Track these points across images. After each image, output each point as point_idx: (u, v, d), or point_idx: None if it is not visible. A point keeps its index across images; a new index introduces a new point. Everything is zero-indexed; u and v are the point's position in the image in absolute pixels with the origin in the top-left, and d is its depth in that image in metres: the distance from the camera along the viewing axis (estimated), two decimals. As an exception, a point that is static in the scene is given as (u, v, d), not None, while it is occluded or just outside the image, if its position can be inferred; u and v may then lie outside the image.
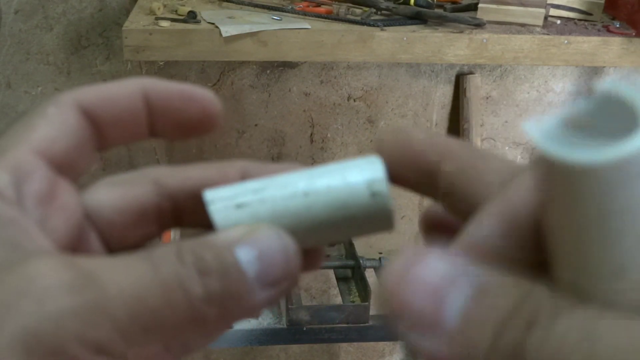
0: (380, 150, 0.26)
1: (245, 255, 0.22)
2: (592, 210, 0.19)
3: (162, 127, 0.27)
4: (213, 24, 1.15)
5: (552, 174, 0.19)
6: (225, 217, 0.25)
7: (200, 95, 0.27)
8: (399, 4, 1.24)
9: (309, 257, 0.26)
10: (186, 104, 0.27)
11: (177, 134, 0.27)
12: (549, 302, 0.18)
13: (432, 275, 0.19)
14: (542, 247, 0.20)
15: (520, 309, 0.18)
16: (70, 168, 0.25)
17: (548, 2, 1.28)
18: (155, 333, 0.21)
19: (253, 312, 0.24)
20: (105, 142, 0.26)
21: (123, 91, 0.26)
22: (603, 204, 0.19)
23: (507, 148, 1.57)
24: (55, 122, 0.24)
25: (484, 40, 1.19)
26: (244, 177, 0.27)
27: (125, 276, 0.21)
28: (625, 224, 0.19)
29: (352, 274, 1.15)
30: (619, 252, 0.19)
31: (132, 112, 0.26)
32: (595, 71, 1.51)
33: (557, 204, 0.20)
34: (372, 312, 1.06)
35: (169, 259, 0.22)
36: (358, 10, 1.25)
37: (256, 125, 1.48)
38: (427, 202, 1.61)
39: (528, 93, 1.51)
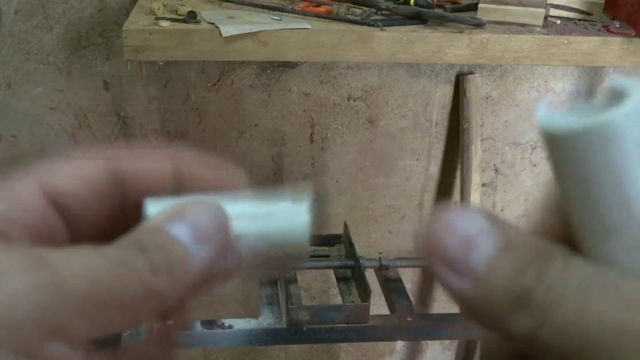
0: None
1: (177, 228, 0.24)
2: (574, 173, 0.22)
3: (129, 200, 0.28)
4: (213, 24, 1.15)
5: (546, 143, 0.23)
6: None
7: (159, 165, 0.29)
8: (399, 4, 1.24)
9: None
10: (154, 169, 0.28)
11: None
12: (560, 260, 0.21)
13: (468, 225, 0.22)
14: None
15: (535, 262, 0.21)
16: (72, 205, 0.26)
17: (548, 2, 1.28)
18: (113, 310, 0.21)
19: (209, 274, 0.25)
20: (73, 224, 0.27)
21: (89, 169, 0.27)
22: (583, 167, 0.22)
23: (507, 148, 1.57)
24: (13, 198, 0.25)
25: (484, 40, 1.19)
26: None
27: (76, 259, 0.22)
28: (605, 186, 0.21)
29: (352, 274, 1.15)
30: (604, 214, 0.22)
31: (98, 192, 0.27)
32: (595, 71, 1.51)
33: (553, 171, 0.23)
34: (372, 312, 1.06)
35: (113, 246, 0.23)
36: (358, 10, 1.25)
37: (256, 125, 1.48)
38: (427, 203, 1.61)
39: (528, 93, 1.51)
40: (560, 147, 0.22)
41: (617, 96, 0.22)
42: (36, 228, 0.24)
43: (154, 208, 0.26)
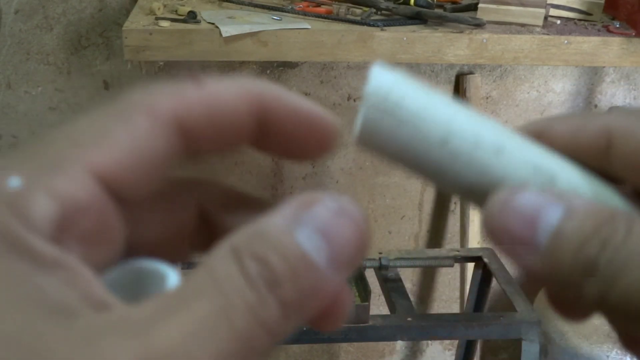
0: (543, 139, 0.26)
1: (309, 240, 0.18)
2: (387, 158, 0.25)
3: (269, 144, 0.24)
4: (213, 24, 1.15)
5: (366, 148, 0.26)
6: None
7: (319, 120, 0.25)
8: (399, 4, 1.24)
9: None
10: (302, 127, 0.24)
11: (285, 154, 0.25)
12: (623, 225, 0.21)
13: (527, 204, 0.22)
14: None
15: (599, 231, 0.21)
16: (134, 193, 0.21)
17: (548, 2, 1.28)
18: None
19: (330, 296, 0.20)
20: (194, 154, 0.22)
21: (230, 100, 0.22)
22: (387, 151, 0.24)
23: (507, 148, 1.57)
24: (138, 138, 0.20)
25: (484, 40, 1.19)
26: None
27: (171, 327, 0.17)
28: (415, 157, 0.24)
29: (352, 274, 1.15)
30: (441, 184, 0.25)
31: (236, 125, 0.22)
32: (595, 71, 1.51)
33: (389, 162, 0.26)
34: (372, 312, 1.06)
35: (233, 279, 0.18)
36: (358, 10, 1.25)
37: (256, 125, 1.48)
38: (427, 203, 1.61)
39: (528, 93, 1.51)
40: (369, 143, 0.24)
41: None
42: (91, 231, 0.20)
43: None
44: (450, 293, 1.73)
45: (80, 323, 0.17)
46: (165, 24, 1.14)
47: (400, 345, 1.79)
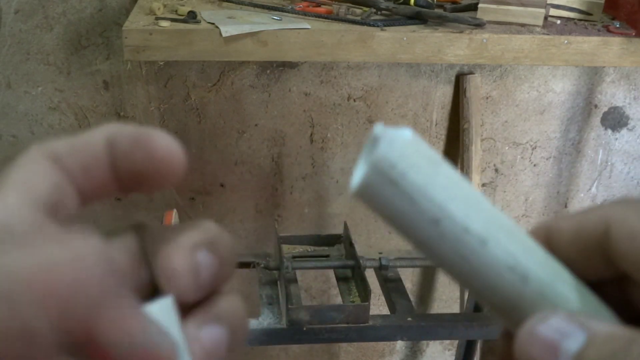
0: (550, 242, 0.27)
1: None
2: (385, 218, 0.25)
3: (123, 176, 0.25)
4: (213, 24, 1.15)
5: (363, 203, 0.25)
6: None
7: (151, 139, 0.24)
8: (399, 4, 1.24)
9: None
10: (136, 148, 0.24)
11: (133, 183, 0.25)
12: (637, 351, 0.22)
13: (549, 332, 0.24)
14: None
15: (614, 357, 0.22)
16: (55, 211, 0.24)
17: (548, 2, 1.28)
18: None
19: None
20: (79, 195, 0.25)
21: (88, 138, 0.25)
22: (382, 214, 0.24)
23: (507, 148, 1.57)
24: (30, 170, 0.24)
25: (484, 40, 1.19)
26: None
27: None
28: (407, 227, 0.24)
29: (352, 274, 1.15)
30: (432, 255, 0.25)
31: (96, 158, 0.24)
32: (595, 71, 1.51)
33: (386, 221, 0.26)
34: (372, 312, 1.06)
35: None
36: (358, 10, 1.25)
37: (256, 125, 1.48)
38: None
39: (528, 93, 1.51)
40: (366, 201, 0.25)
41: (375, 142, 0.24)
42: (53, 201, 0.23)
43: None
44: (450, 293, 1.74)
45: None
46: (165, 24, 1.14)
47: (400, 345, 1.79)
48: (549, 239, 0.27)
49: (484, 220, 0.24)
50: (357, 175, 0.25)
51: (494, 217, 0.25)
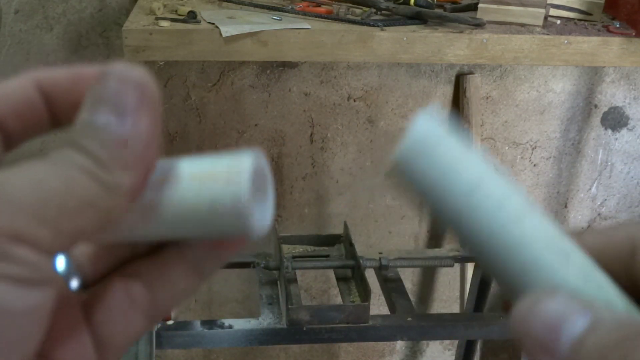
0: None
1: (101, 115, 0.23)
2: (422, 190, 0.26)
3: (63, 114, 0.27)
4: (213, 24, 1.15)
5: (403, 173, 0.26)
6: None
7: (87, 73, 0.26)
8: (399, 4, 1.24)
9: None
10: (74, 83, 0.26)
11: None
12: None
13: (553, 309, 0.23)
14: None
15: (621, 346, 0.21)
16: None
17: (548, 2, 1.28)
18: (75, 213, 0.21)
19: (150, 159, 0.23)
20: (10, 140, 0.26)
21: (15, 86, 0.26)
22: (421, 181, 0.25)
23: (507, 148, 1.57)
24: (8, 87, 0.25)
25: (484, 40, 1.19)
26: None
27: (17, 171, 0.21)
28: (440, 199, 0.25)
29: (352, 274, 1.15)
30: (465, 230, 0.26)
31: (29, 103, 0.26)
32: (595, 71, 1.51)
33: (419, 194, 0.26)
34: (372, 312, 1.06)
35: (52, 152, 0.22)
36: (358, 10, 1.25)
37: (256, 125, 1.48)
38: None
39: (528, 93, 1.51)
40: (405, 174, 0.26)
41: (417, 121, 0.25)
42: None
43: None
44: (450, 293, 1.74)
45: None
46: (165, 24, 1.14)
47: (400, 345, 1.79)
48: None
49: (518, 201, 0.25)
50: (401, 145, 0.25)
51: (526, 202, 0.25)
